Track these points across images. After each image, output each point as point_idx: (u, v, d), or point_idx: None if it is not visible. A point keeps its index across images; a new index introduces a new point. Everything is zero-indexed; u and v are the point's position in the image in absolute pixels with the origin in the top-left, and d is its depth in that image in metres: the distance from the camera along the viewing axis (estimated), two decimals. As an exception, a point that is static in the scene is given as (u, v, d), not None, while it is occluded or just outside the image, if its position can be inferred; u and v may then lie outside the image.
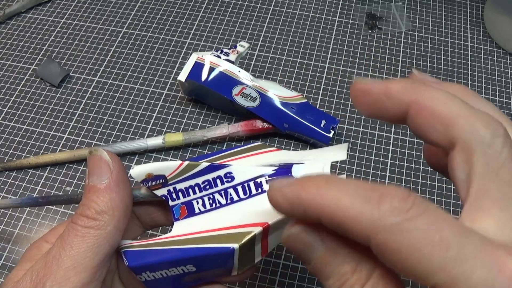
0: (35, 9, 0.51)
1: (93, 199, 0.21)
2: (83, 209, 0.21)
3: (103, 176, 0.22)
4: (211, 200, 0.23)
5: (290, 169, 0.22)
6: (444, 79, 0.45)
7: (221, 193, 0.23)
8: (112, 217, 0.21)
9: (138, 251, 0.22)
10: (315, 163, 0.22)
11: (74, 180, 0.39)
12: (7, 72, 0.46)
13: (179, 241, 0.22)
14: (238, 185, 0.23)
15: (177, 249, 0.22)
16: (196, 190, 0.23)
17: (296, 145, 0.41)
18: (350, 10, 0.50)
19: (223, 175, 0.23)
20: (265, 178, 0.23)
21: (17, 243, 0.36)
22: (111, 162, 0.22)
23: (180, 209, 0.24)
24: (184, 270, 0.22)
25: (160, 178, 0.23)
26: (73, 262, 0.20)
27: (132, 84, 0.45)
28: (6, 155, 0.41)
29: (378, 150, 0.40)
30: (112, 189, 0.21)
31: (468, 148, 0.16)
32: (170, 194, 0.24)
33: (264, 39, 0.48)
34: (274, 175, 0.23)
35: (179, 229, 0.23)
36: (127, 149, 0.39)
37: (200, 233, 0.22)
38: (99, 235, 0.21)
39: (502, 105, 0.43)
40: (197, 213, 0.24)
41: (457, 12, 0.50)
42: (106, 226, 0.21)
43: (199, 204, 0.24)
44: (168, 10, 0.50)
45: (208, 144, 0.41)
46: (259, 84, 0.39)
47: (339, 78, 0.45)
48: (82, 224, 0.21)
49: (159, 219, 0.26)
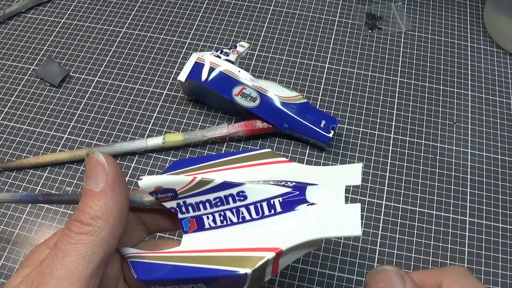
0: (35, 9, 0.51)
1: (88, 204, 0.21)
2: (78, 214, 0.20)
3: (99, 179, 0.21)
4: (222, 217, 0.23)
5: (304, 192, 0.22)
6: (444, 79, 0.45)
7: (232, 211, 0.23)
8: (106, 223, 0.20)
9: (147, 263, 0.22)
10: (330, 187, 0.22)
11: (74, 180, 0.39)
12: (7, 72, 0.46)
13: (191, 258, 0.22)
14: (250, 205, 0.22)
15: (189, 267, 0.22)
16: (207, 206, 0.23)
17: (296, 145, 0.41)
18: (350, 10, 0.50)
19: (236, 194, 0.22)
20: (278, 200, 0.22)
21: (17, 243, 0.36)
22: (107, 165, 0.21)
23: (190, 222, 0.23)
24: (194, 287, 0.22)
25: (170, 192, 0.23)
26: (65, 271, 0.19)
27: (132, 84, 0.45)
28: (6, 155, 0.41)
29: (378, 150, 0.40)
30: (106, 193, 0.21)
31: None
32: (180, 207, 0.23)
33: (264, 39, 0.48)
34: (289, 196, 0.22)
35: (189, 243, 0.23)
36: (127, 149, 0.39)
37: (212, 252, 0.22)
38: (92, 241, 0.20)
39: (502, 105, 0.43)
40: (207, 228, 0.23)
41: (457, 12, 0.50)
42: (100, 232, 0.20)
43: (209, 220, 0.23)
44: (168, 10, 0.50)
45: (208, 144, 0.41)
46: (259, 84, 0.39)
47: (339, 78, 0.45)
48: (76, 231, 0.20)
49: (165, 225, 0.26)
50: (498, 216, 0.37)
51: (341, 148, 0.40)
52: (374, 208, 0.37)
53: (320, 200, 0.22)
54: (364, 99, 0.43)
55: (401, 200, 0.38)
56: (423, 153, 0.40)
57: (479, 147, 0.41)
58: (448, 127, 0.42)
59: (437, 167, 0.40)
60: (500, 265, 0.35)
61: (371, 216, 0.37)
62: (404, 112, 0.43)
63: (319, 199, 0.22)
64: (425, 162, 0.40)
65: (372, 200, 0.38)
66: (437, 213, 0.37)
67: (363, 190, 0.38)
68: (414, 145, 0.41)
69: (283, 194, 0.22)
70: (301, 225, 0.21)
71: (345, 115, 0.42)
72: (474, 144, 0.41)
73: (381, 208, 0.37)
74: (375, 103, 0.43)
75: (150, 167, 0.39)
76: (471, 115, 0.43)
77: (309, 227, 0.21)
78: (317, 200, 0.22)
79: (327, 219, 0.21)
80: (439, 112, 0.43)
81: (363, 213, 0.37)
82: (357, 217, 0.21)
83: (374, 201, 0.38)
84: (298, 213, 0.22)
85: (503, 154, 0.41)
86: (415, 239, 0.36)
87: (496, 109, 0.43)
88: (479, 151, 0.41)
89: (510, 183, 0.39)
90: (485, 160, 0.40)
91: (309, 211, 0.22)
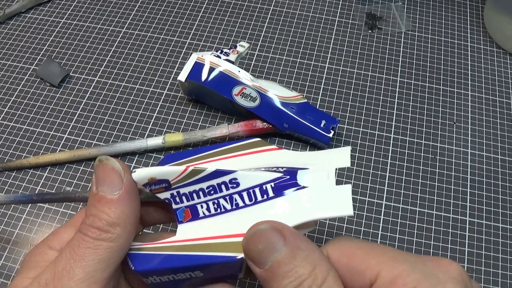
0: (35, 9, 0.51)
1: (104, 210, 0.21)
2: (94, 220, 0.21)
3: (115, 187, 0.21)
4: (215, 205, 0.23)
5: (295, 176, 0.22)
6: (444, 79, 0.45)
7: (226, 199, 0.23)
8: (124, 230, 0.21)
9: (143, 254, 0.22)
10: (320, 171, 0.22)
11: (74, 180, 0.39)
12: (7, 72, 0.46)
13: (187, 246, 0.22)
14: (243, 191, 0.23)
15: (185, 255, 0.22)
16: (201, 194, 0.23)
17: (296, 145, 0.41)
18: (350, 10, 0.50)
19: (228, 181, 0.23)
20: (270, 185, 0.22)
21: (17, 243, 0.36)
22: (123, 173, 0.22)
23: (184, 212, 0.24)
24: (192, 275, 0.22)
25: (164, 183, 0.23)
26: (85, 274, 0.20)
27: (132, 84, 0.45)
28: (6, 155, 0.41)
29: (378, 150, 0.40)
30: (124, 201, 0.21)
31: None
32: (174, 198, 0.23)
33: (264, 39, 0.48)
34: (280, 181, 0.22)
35: (184, 232, 0.23)
36: (127, 149, 0.39)
37: (207, 239, 0.22)
38: (111, 247, 0.20)
39: (502, 105, 0.43)
40: (201, 217, 0.23)
41: (457, 12, 0.50)
42: (118, 238, 0.21)
43: (203, 208, 0.23)
44: (168, 10, 0.50)
45: (208, 144, 0.41)
46: (259, 84, 0.39)
47: (339, 78, 0.45)
48: (94, 236, 0.20)
49: (159, 218, 0.26)
50: (498, 216, 0.37)
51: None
52: (374, 208, 0.37)
53: (311, 183, 0.22)
54: (364, 99, 0.43)
55: (401, 200, 0.38)
56: (423, 153, 0.40)
57: (479, 147, 0.41)
58: (448, 127, 0.42)
59: (437, 167, 0.40)
60: (500, 265, 0.35)
61: (371, 216, 0.37)
62: (404, 112, 0.43)
63: (310, 182, 0.22)
64: (425, 162, 0.40)
65: (372, 200, 0.38)
66: (437, 213, 0.37)
67: (363, 190, 0.38)
68: (414, 145, 0.41)
69: (274, 179, 0.22)
70: (294, 208, 0.22)
71: (345, 115, 0.42)
72: (474, 144, 0.41)
73: (381, 208, 0.37)
74: (375, 103, 0.43)
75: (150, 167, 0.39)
76: (471, 115, 0.43)
77: (302, 209, 0.21)
78: (308, 183, 0.22)
79: (319, 201, 0.21)
80: (439, 112, 0.43)
81: (363, 213, 0.37)
82: (348, 197, 0.21)
83: (374, 201, 0.38)
84: (291, 196, 0.22)
85: (503, 154, 0.40)
86: (415, 239, 0.36)
87: (496, 109, 0.43)
88: (479, 151, 0.41)
89: (510, 183, 0.39)
90: (485, 160, 0.40)
91: (301, 194, 0.22)
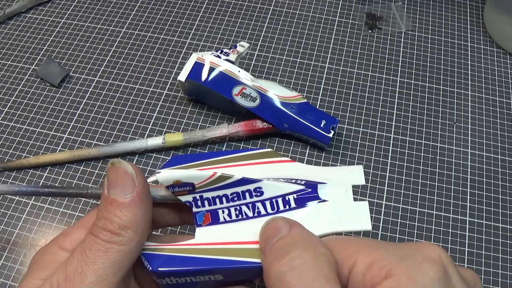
0: (35, 9, 0.51)
1: (116, 214, 0.21)
2: (105, 223, 0.21)
3: (127, 190, 0.21)
4: (237, 211, 0.24)
5: (316, 189, 0.24)
6: (444, 79, 0.45)
7: (248, 206, 0.24)
8: (136, 233, 0.21)
9: (162, 255, 0.22)
10: (338, 186, 0.24)
11: (74, 180, 0.39)
12: (7, 72, 0.46)
13: (209, 250, 0.22)
14: (266, 200, 0.23)
15: (207, 258, 0.22)
16: (224, 200, 0.24)
17: (296, 145, 0.41)
18: (350, 10, 0.50)
19: (253, 189, 0.23)
20: (293, 196, 0.23)
21: (17, 243, 0.36)
22: (135, 177, 0.22)
23: (204, 216, 0.24)
24: (211, 278, 0.22)
25: (188, 186, 0.23)
26: (96, 277, 0.20)
27: (132, 84, 0.45)
28: (6, 155, 0.41)
29: (378, 150, 0.40)
30: (136, 204, 0.21)
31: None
32: (195, 201, 0.24)
33: (264, 39, 0.48)
34: (303, 193, 0.23)
35: (204, 236, 0.23)
36: (127, 149, 0.39)
37: (229, 244, 0.23)
38: (122, 250, 0.20)
39: (502, 105, 0.43)
40: (221, 222, 0.24)
41: (457, 12, 0.50)
42: (130, 242, 0.21)
43: (224, 214, 0.24)
44: (168, 10, 0.50)
45: (208, 144, 0.41)
46: (259, 84, 0.39)
47: (339, 78, 0.45)
48: (105, 239, 0.20)
49: (173, 220, 0.26)
50: (498, 216, 0.37)
51: (341, 148, 0.40)
52: (374, 208, 0.37)
53: (331, 197, 0.23)
54: (364, 99, 0.43)
55: (401, 200, 0.38)
56: (423, 153, 0.40)
57: (479, 147, 0.41)
58: (448, 127, 0.42)
59: (437, 167, 0.40)
60: (500, 265, 0.35)
61: (371, 216, 0.37)
62: (404, 112, 0.43)
63: (330, 197, 0.23)
64: (425, 162, 0.40)
65: (372, 200, 0.38)
66: (437, 213, 0.37)
67: (363, 190, 0.38)
68: (414, 145, 0.41)
69: (297, 191, 0.23)
70: (314, 220, 0.23)
71: (345, 115, 0.42)
72: (474, 144, 0.41)
73: (381, 208, 0.37)
74: (375, 103, 0.43)
75: (150, 167, 0.39)
76: (471, 115, 0.43)
77: (322, 222, 0.23)
78: (328, 197, 0.23)
79: (339, 215, 0.23)
80: (439, 112, 0.43)
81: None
82: (366, 213, 0.23)
83: (374, 201, 0.38)
84: (311, 209, 0.23)
85: (503, 154, 0.40)
86: (415, 239, 0.36)
87: (496, 109, 0.43)
88: (479, 151, 0.41)
89: (510, 183, 0.39)
90: (485, 160, 0.40)
91: (321, 208, 0.23)
